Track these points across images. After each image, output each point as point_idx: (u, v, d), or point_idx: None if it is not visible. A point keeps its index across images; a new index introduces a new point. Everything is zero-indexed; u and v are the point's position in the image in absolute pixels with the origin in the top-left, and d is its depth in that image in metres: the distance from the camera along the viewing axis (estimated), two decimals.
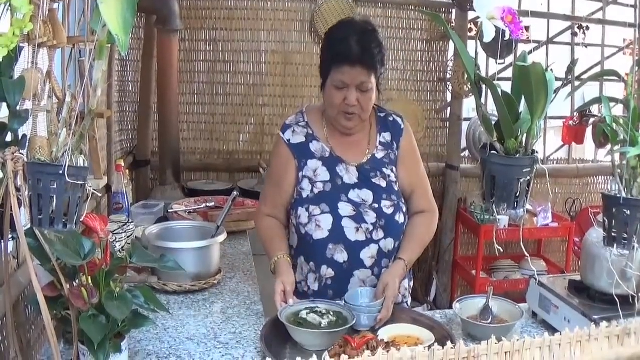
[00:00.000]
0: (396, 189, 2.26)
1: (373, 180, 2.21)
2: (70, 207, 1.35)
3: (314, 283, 2.21)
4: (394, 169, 2.27)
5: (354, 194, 2.18)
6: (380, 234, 2.18)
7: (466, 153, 4.81)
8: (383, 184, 2.22)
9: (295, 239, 2.25)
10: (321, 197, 2.16)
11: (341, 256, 2.17)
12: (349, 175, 2.21)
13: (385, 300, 2.02)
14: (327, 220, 2.14)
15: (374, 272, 2.20)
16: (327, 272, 2.19)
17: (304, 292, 2.23)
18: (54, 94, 2.00)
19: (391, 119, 2.34)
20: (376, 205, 2.18)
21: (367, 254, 2.17)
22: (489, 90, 1.59)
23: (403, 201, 2.27)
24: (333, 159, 2.23)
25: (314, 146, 2.24)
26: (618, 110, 1.87)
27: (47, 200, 1.33)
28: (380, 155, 2.27)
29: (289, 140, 2.25)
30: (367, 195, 2.19)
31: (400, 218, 2.22)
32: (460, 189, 4.71)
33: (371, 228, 2.17)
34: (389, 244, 2.20)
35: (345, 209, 2.16)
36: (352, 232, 2.16)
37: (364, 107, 2.14)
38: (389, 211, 2.20)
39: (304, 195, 2.19)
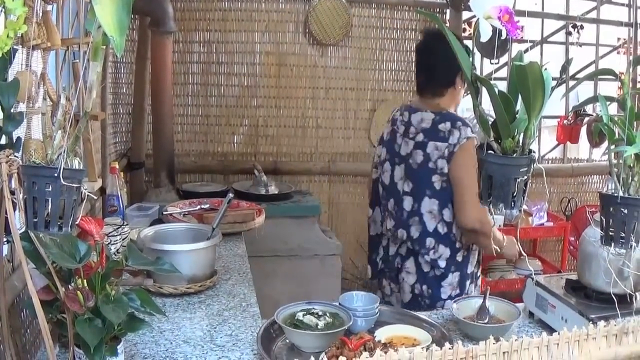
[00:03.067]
0: None
1: None
2: (65, 210, 1.34)
3: None
4: None
5: None
6: None
7: None
8: None
9: None
10: None
11: None
12: None
13: None
14: None
15: None
16: None
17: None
18: (48, 96, 2.00)
19: None
20: None
21: None
22: (484, 90, 1.58)
23: None
24: None
25: None
26: (611, 108, 1.87)
27: (42, 203, 1.32)
28: None
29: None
30: None
31: None
32: None
33: None
34: None
35: None
36: None
37: None
38: None
39: None
